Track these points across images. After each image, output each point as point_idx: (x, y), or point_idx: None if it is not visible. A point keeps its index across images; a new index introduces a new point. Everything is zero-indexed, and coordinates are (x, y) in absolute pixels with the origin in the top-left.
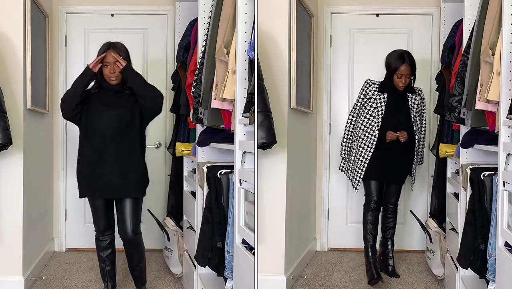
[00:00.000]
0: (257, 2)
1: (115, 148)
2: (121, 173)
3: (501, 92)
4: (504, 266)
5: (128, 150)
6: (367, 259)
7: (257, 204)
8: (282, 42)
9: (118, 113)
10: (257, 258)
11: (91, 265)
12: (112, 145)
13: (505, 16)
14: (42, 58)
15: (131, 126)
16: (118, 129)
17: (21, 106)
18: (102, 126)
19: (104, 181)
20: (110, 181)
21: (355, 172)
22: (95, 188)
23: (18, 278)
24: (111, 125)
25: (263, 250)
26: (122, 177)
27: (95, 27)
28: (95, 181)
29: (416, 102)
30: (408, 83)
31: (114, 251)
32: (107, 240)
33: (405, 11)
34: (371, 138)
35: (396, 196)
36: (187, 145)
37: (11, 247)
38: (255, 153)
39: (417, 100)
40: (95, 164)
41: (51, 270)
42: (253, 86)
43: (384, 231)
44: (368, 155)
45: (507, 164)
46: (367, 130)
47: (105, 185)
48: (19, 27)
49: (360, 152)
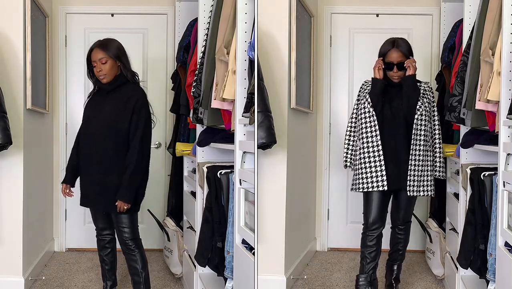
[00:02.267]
0: (257, 2)
1: (98, 158)
2: (102, 186)
3: (501, 92)
4: (504, 266)
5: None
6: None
7: (257, 204)
8: (282, 42)
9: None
10: (257, 258)
11: (91, 265)
12: (97, 154)
13: (505, 16)
14: (42, 58)
15: (117, 133)
16: (104, 136)
17: (21, 106)
18: (89, 133)
19: (89, 193)
20: (92, 194)
21: (371, 168)
22: (84, 198)
23: (18, 278)
24: (97, 132)
25: (263, 250)
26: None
27: (95, 27)
28: (83, 193)
29: (420, 93)
30: (403, 75)
31: (113, 251)
32: (106, 239)
33: (405, 11)
34: (375, 140)
35: (405, 209)
36: (187, 145)
37: (11, 247)
38: (255, 153)
39: (421, 88)
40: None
41: (51, 270)
42: (253, 86)
43: (392, 253)
44: (379, 150)
45: (507, 164)
46: (368, 133)
47: (90, 198)
48: (19, 27)
49: (369, 150)
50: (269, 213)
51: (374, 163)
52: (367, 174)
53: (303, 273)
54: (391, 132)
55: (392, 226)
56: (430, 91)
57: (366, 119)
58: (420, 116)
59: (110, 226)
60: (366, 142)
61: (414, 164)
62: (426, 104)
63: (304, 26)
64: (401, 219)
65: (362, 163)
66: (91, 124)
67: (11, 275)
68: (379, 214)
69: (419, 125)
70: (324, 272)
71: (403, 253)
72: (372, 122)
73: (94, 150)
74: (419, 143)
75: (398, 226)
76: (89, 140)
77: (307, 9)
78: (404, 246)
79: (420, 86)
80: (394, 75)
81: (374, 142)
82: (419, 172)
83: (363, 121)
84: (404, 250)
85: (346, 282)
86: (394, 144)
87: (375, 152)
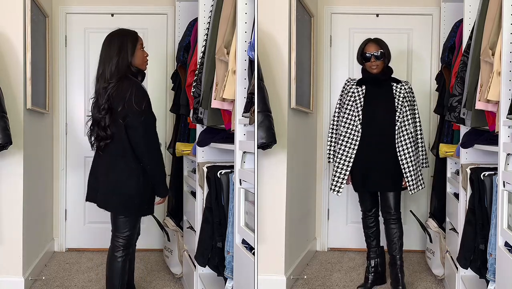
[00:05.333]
0: (257, 2)
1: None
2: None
3: (501, 92)
4: (504, 266)
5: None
6: (367, 262)
7: (257, 204)
8: (282, 42)
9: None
10: (257, 258)
11: (91, 265)
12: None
13: (505, 16)
14: (42, 58)
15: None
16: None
17: (21, 106)
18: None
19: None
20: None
21: (338, 173)
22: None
23: (18, 278)
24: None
25: (263, 250)
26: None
27: (95, 27)
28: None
29: (402, 91)
30: (382, 68)
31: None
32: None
33: (405, 11)
34: (354, 133)
35: (393, 202)
36: (187, 145)
37: (11, 247)
38: (255, 153)
39: (402, 89)
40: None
41: (51, 270)
42: (253, 86)
43: (390, 246)
44: (352, 153)
45: (507, 164)
46: (348, 126)
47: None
48: (19, 27)
49: (343, 149)
50: (269, 213)
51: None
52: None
53: (303, 273)
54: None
55: (384, 221)
56: (410, 92)
57: (349, 117)
58: (400, 114)
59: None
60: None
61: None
62: (411, 107)
63: (304, 26)
64: (391, 209)
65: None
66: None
67: (11, 275)
68: (371, 203)
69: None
70: (324, 272)
71: (401, 244)
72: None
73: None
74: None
75: (390, 218)
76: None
77: (307, 9)
78: (400, 237)
79: (401, 88)
80: (375, 68)
81: (354, 134)
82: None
83: (347, 116)
84: (401, 240)
85: (346, 282)
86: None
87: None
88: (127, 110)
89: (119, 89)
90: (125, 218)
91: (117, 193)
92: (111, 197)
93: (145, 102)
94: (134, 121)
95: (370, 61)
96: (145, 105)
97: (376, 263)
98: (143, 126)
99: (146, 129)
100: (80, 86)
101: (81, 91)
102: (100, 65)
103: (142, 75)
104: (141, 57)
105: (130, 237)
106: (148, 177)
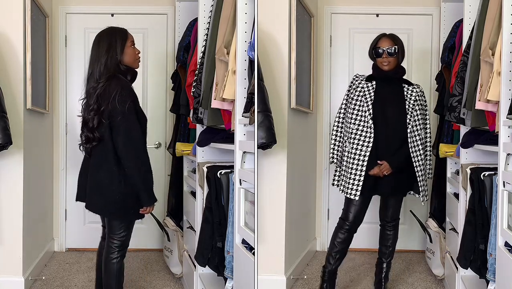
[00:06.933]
0: (257, 2)
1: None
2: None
3: (501, 92)
4: (504, 266)
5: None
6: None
7: (257, 204)
8: (282, 42)
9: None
10: (257, 258)
11: (91, 265)
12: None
13: (505, 16)
14: (42, 58)
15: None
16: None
17: (21, 106)
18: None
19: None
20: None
21: (353, 174)
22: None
23: (18, 278)
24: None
25: (263, 250)
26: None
27: (95, 27)
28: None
29: (413, 94)
30: (395, 66)
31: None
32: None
33: (405, 11)
34: (366, 130)
35: (394, 207)
36: (187, 145)
37: (11, 247)
38: (255, 153)
39: (414, 92)
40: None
41: (51, 270)
42: (253, 86)
43: (381, 250)
44: (366, 151)
45: (507, 164)
46: (359, 122)
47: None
48: (19, 27)
49: (356, 148)
50: (269, 213)
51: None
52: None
53: (303, 273)
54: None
55: (381, 224)
56: (421, 95)
57: (360, 112)
58: (410, 118)
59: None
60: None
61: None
62: (422, 112)
63: (304, 26)
64: (390, 217)
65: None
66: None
67: (11, 275)
68: (359, 215)
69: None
70: None
71: (393, 250)
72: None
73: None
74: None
75: (387, 224)
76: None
77: (307, 9)
78: (393, 243)
79: (412, 91)
80: (385, 64)
81: (366, 130)
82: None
83: (356, 112)
84: (393, 247)
85: (346, 282)
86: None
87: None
88: (110, 110)
89: (107, 88)
90: (117, 220)
91: (100, 196)
92: (95, 199)
93: (130, 102)
94: (116, 122)
95: (381, 57)
96: (129, 105)
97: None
98: (124, 127)
99: (127, 131)
100: (80, 86)
101: (81, 91)
102: (90, 65)
103: (133, 74)
104: (132, 55)
105: (125, 239)
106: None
